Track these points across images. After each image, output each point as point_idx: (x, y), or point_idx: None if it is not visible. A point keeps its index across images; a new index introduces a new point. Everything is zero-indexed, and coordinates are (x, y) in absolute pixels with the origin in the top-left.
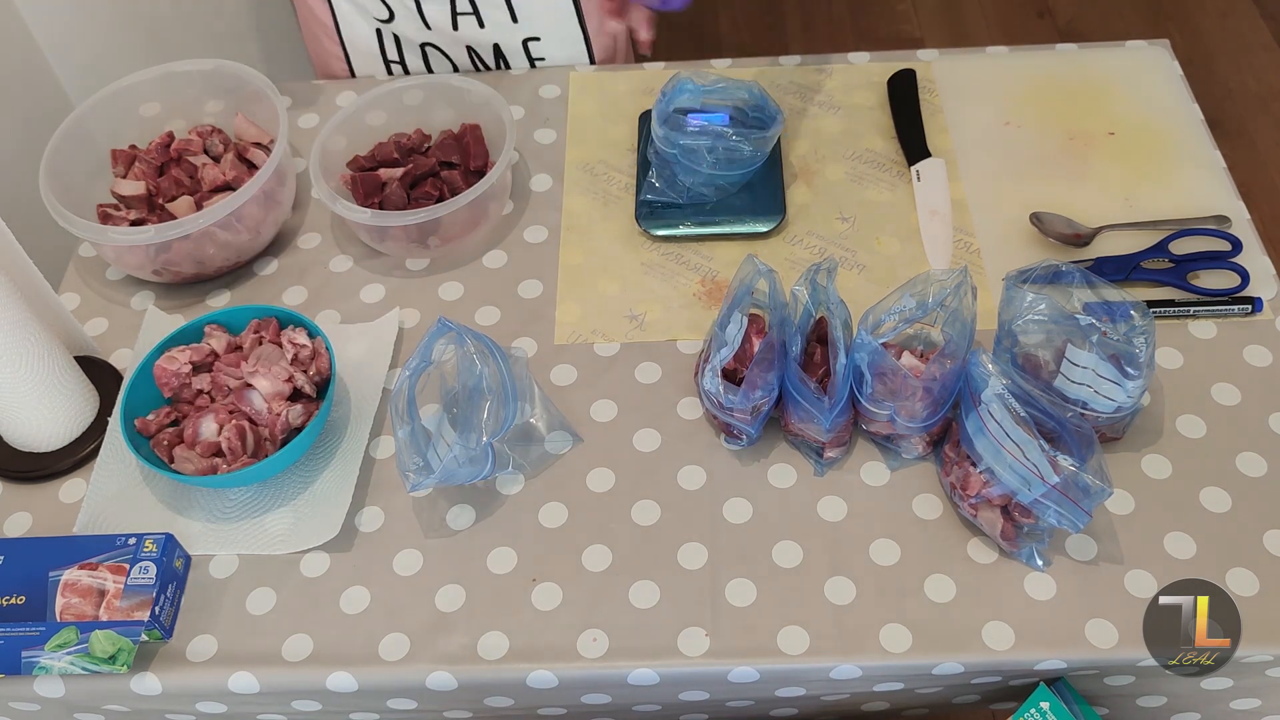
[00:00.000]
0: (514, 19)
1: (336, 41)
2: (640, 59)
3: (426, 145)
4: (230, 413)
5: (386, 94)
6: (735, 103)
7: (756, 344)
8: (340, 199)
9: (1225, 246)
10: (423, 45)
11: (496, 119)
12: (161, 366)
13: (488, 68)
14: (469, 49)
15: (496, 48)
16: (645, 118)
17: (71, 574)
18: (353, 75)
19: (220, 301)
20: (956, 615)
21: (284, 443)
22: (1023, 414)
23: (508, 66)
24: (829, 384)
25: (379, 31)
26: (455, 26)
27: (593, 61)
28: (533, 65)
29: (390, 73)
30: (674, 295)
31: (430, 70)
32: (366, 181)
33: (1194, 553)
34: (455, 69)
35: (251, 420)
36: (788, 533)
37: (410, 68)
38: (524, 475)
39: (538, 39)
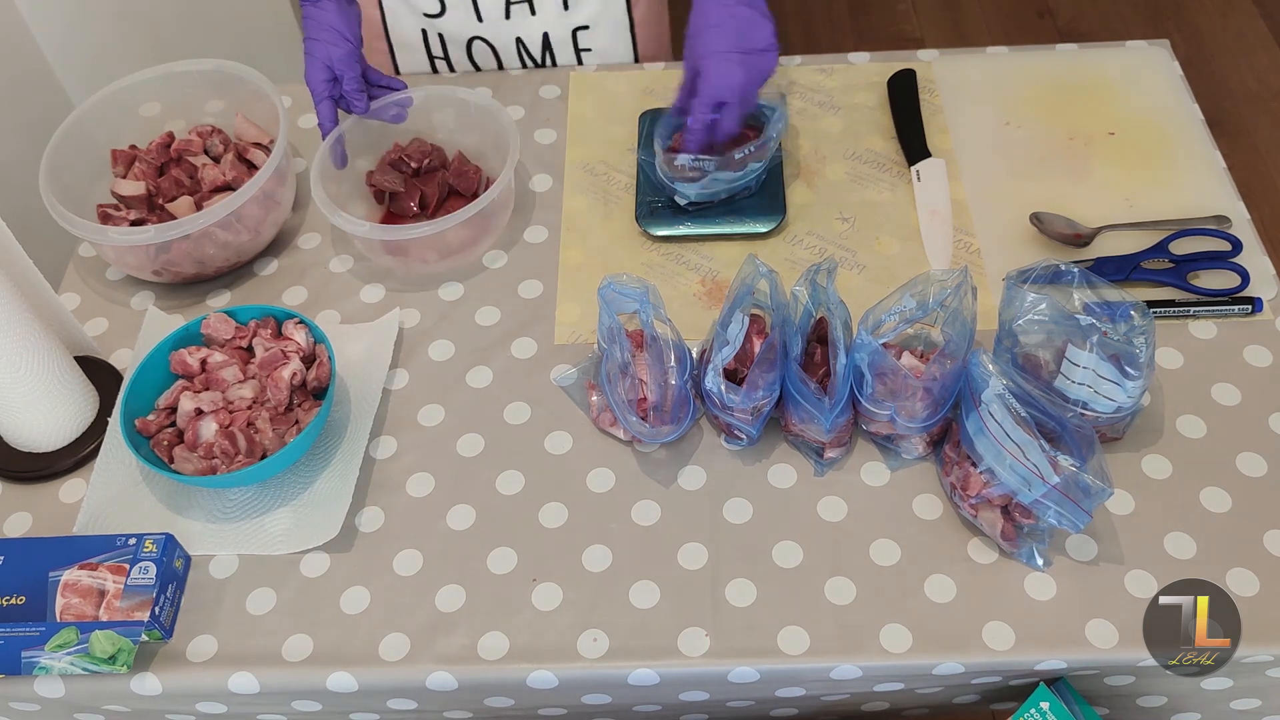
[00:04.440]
0: (565, 6)
1: (383, 38)
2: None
3: (428, 160)
4: (231, 414)
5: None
6: None
7: (758, 344)
8: (339, 210)
9: (1225, 246)
10: (469, 40)
11: (497, 126)
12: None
13: (535, 62)
14: (517, 41)
15: (545, 38)
16: (645, 118)
17: (71, 574)
18: (396, 71)
19: (220, 301)
20: (956, 615)
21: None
22: (1023, 414)
23: (554, 60)
24: (829, 384)
25: (424, 30)
26: (508, 15)
27: (636, 53)
28: (579, 57)
29: (434, 68)
30: (674, 295)
31: (476, 66)
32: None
33: (1194, 553)
34: (500, 65)
35: (250, 422)
36: (788, 533)
37: (455, 63)
38: (524, 476)
39: (586, 27)
